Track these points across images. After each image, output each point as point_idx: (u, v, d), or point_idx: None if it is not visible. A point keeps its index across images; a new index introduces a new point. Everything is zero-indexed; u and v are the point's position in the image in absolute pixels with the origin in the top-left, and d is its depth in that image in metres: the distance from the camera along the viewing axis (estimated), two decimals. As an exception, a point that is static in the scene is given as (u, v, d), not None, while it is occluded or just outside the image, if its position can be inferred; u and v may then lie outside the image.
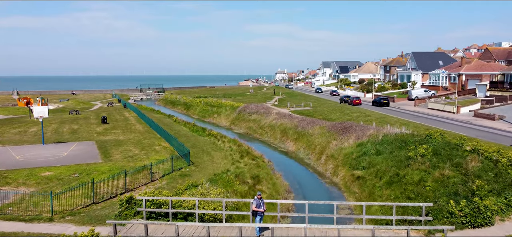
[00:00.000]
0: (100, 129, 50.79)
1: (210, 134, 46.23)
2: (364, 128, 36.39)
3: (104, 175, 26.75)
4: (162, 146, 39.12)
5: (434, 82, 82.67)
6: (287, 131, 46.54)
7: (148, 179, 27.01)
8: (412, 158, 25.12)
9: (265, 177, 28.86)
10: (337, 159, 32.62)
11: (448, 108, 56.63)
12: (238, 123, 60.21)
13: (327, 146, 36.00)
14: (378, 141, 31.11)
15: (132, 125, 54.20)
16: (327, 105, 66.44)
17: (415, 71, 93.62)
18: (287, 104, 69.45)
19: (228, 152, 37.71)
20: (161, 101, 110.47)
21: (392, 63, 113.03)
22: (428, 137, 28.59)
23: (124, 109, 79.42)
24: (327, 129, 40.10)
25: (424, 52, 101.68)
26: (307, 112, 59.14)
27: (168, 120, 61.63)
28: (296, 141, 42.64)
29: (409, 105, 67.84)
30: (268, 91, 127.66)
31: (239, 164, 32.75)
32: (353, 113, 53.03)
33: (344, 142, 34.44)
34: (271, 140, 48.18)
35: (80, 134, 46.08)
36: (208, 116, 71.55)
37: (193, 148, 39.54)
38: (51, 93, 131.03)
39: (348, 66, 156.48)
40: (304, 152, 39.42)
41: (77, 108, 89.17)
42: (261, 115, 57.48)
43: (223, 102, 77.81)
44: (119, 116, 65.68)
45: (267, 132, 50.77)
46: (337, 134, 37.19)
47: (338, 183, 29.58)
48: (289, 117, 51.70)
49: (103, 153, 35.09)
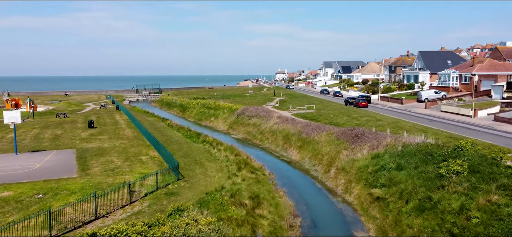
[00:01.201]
0: (85, 134, 46.42)
1: (204, 140, 41.85)
2: (378, 135, 31.99)
3: (74, 197, 22.36)
4: (150, 155, 34.72)
5: (444, 82, 78.31)
6: (290, 137, 42.15)
7: (127, 199, 22.65)
8: (444, 176, 20.73)
9: (266, 196, 24.47)
10: (349, 173, 28.22)
11: (464, 111, 52.23)
12: (237, 128, 55.82)
13: (337, 156, 31.59)
14: (397, 153, 26.72)
15: (121, 130, 49.83)
16: (332, 107, 62.06)
17: (423, 71, 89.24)
18: (289, 107, 65.06)
19: (224, 163, 33.34)
20: (157, 102, 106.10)
21: (397, 63, 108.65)
22: (458, 148, 24.19)
23: (116, 112, 75.04)
24: (336, 136, 35.71)
25: (431, 51, 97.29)
26: (311, 115, 54.75)
27: (161, 124, 57.25)
28: (301, 149, 38.24)
29: (419, 108, 63.44)
30: (268, 92, 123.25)
31: (236, 178, 28.37)
32: (362, 116, 48.61)
33: (357, 153, 30.04)
34: (272, 147, 43.79)
35: (61, 141, 41.69)
36: (205, 119, 67.15)
37: (185, 157, 35.19)
38: (44, 94, 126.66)
39: (351, 66, 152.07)
40: (309, 163, 35.02)
41: (68, 110, 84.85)
42: (261, 119, 53.08)
43: (221, 104, 73.43)
44: (109, 120, 61.30)
45: (268, 138, 46.37)
46: (348, 143, 32.78)
47: (352, 202, 25.18)
48: (292, 122, 47.31)
49: (81, 165, 30.70)
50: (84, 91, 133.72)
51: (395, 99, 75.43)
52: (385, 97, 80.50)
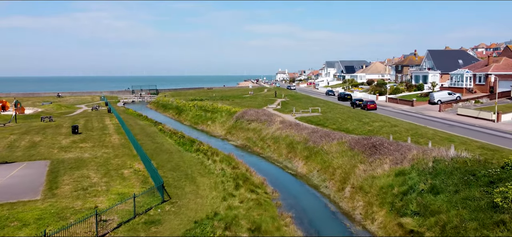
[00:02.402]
0: (67, 141, 41.73)
1: (198, 149, 37.12)
2: (400, 146, 27.24)
3: (24, 231, 17.65)
4: (134, 169, 29.99)
5: (456, 83, 73.55)
6: (295, 145, 37.40)
7: (94, 232, 17.96)
8: (500, 207, 16.03)
9: (270, 226, 19.74)
10: (369, 193, 23.48)
11: (485, 115, 47.47)
12: (235, 133, 51.08)
13: (352, 171, 26.86)
14: (428, 170, 21.99)
15: (108, 137, 45.12)
16: (339, 110, 57.32)
17: (433, 71, 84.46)
18: (292, 109, 60.32)
19: (219, 178, 28.63)
20: (153, 104, 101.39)
21: (404, 63, 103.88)
22: (509, 166, 19.47)
23: (107, 115, 70.33)
24: (349, 145, 30.97)
25: (441, 50, 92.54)
26: (317, 119, 50.00)
27: (153, 129, 52.52)
28: (308, 161, 33.49)
29: (432, 111, 58.69)
30: (269, 92, 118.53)
31: (232, 200, 23.65)
32: (374, 121, 43.83)
33: (376, 168, 25.30)
34: (274, 156, 39.05)
35: (37, 150, 36.99)
36: (201, 123, 62.42)
37: (175, 170, 30.47)
38: (35, 95, 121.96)
39: (354, 66, 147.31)
40: (319, 177, 30.29)
41: (58, 112, 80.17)
42: (262, 124, 48.35)
43: (219, 106, 68.71)
44: (97, 124, 56.59)
45: (269, 145, 41.63)
46: (364, 155, 28.04)
47: (376, 232, 20.43)
48: (296, 127, 42.57)
49: (50, 182, 25.98)
50: (77, 92, 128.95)
51: (404, 101, 70.70)
52: (393, 99, 75.76)
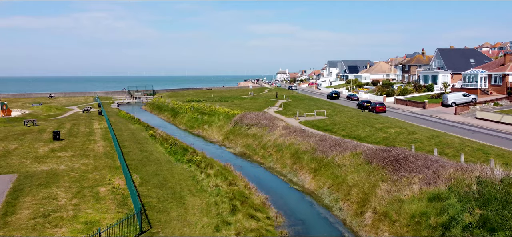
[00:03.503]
0: (45, 150, 37.25)
1: (191, 160, 32.61)
2: (429, 161, 22.70)
3: None
4: (113, 186, 25.48)
5: (470, 84, 69.04)
6: (300, 156, 32.88)
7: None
8: None
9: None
10: (396, 223, 18.97)
11: (509, 119, 43.02)
12: (233, 139, 46.58)
13: (372, 191, 22.34)
14: (472, 194, 17.50)
15: (92, 144, 40.66)
16: (346, 113, 52.78)
17: (443, 71, 79.93)
18: (295, 113, 55.82)
19: (212, 198, 24.16)
20: (149, 105, 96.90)
21: (411, 62, 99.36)
22: None
23: (97, 118, 65.85)
24: (365, 158, 26.46)
25: (451, 48, 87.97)
26: (323, 124, 45.50)
27: (144, 134, 48.01)
28: (316, 174, 28.99)
29: (447, 114, 54.21)
30: (269, 93, 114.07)
31: (227, 229, 19.18)
32: (388, 127, 39.25)
33: (403, 188, 20.79)
34: (277, 167, 34.53)
35: (8, 161, 32.49)
36: (197, 127, 57.92)
37: (162, 187, 25.99)
38: (27, 96, 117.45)
39: (358, 66, 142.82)
40: (330, 195, 25.79)
41: (46, 115, 75.75)
42: (263, 129, 43.86)
43: (216, 108, 64.23)
44: (83, 128, 52.09)
45: (271, 154, 37.12)
46: (385, 171, 23.52)
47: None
48: (301, 134, 38.05)
49: (7, 205, 21.49)
50: (70, 93, 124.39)
51: (415, 103, 66.20)
52: (402, 100, 71.26)
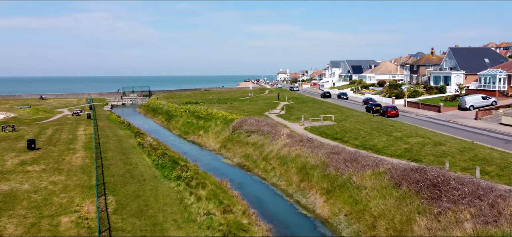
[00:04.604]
0: (14, 162, 32.31)
1: (180, 176, 27.64)
2: (479, 188, 17.70)
3: None
4: (80, 215, 20.50)
5: (486, 85, 64.15)
6: (309, 172, 27.91)
7: None
8: None
9: None
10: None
11: (542, 126, 38.13)
12: (231, 147, 41.61)
13: (407, 228, 17.37)
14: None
15: (71, 154, 35.73)
16: (356, 118, 47.77)
17: (456, 71, 74.92)
18: (300, 117, 50.77)
19: (202, 231, 19.20)
20: (143, 107, 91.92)
21: (420, 62, 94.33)
22: None
23: (85, 122, 60.83)
24: (391, 179, 21.50)
25: (464, 47, 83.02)
26: (332, 131, 40.48)
27: (131, 141, 43.01)
28: (330, 197, 24.01)
29: (466, 118, 49.25)
30: (270, 94, 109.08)
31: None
32: (408, 136, 34.16)
33: (449, 226, 15.85)
34: (282, 184, 29.56)
35: (-36, 177, 27.58)
36: (192, 133, 52.94)
37: (140, 216, 20.98)
38: (17, 97, 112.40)
39: (362, 66, 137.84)
40: (348, 225, 20.81)
41: (33, 118, 70.78)
42: (264, 137, 38.90)
43: (214, 112, 59.26)
44: (66, 135, 47.13)
45: (274, 168, 32.14)
46: (421, 199, 18.54)
47: None
48: (309, 144, 33.04)
49: None
50: (63, 94, 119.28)
51: (428, 106, 61.22)
52: (413, 103, 66.24)
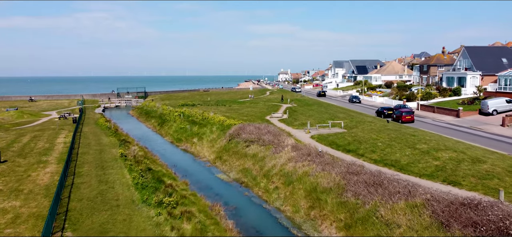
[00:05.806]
0: (-33, 180, 27.14)
1: (162, 202, 22.42)
2: None
3: None
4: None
5: (507, 87, 58.99)
6: (321, 196, 22.65)
7: None
8: None
9: None
10: None
11: None
12: (228, 159, 36.36)
13: None
14: None
15: (40, 169, 30.54)
16: (368, 125, 42.48)
17: (471, 72, 69.61)
18: (306, 124, 45.47)
19: None
20: (137, 110, 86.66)
21: (430, 62, 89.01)
22: None
23: (69, 127, 55.64)
24: (432, 214, 16.28)
25: (480, 46, 77.65)
26: (343, 141, 35.15)
27: (114, 152, 37.73)
28: (349, 232, 18.76)
29: (491, 125, 44.03)
30: (271, 96, 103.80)
31: None
32: (438, 150, 28.72)
33: None
34: (287, 209, 24.30)
35: None
36: (185, 140, 47.73)
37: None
38: (5, 98, 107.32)
39: (367, 66, 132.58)
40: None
41: (17, 121, 65.79)
42: (265, 148, 33.65)
43: (210, 116, 54.03)
44: (43, 143, 41.95)
45: (278, 187, 26.87)
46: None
47: None
48: (319, 159, 27.74)
49: None
50: (54, 96, 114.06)
51: (445, 110, 55.90)
52: (427, 106, 60.88)
